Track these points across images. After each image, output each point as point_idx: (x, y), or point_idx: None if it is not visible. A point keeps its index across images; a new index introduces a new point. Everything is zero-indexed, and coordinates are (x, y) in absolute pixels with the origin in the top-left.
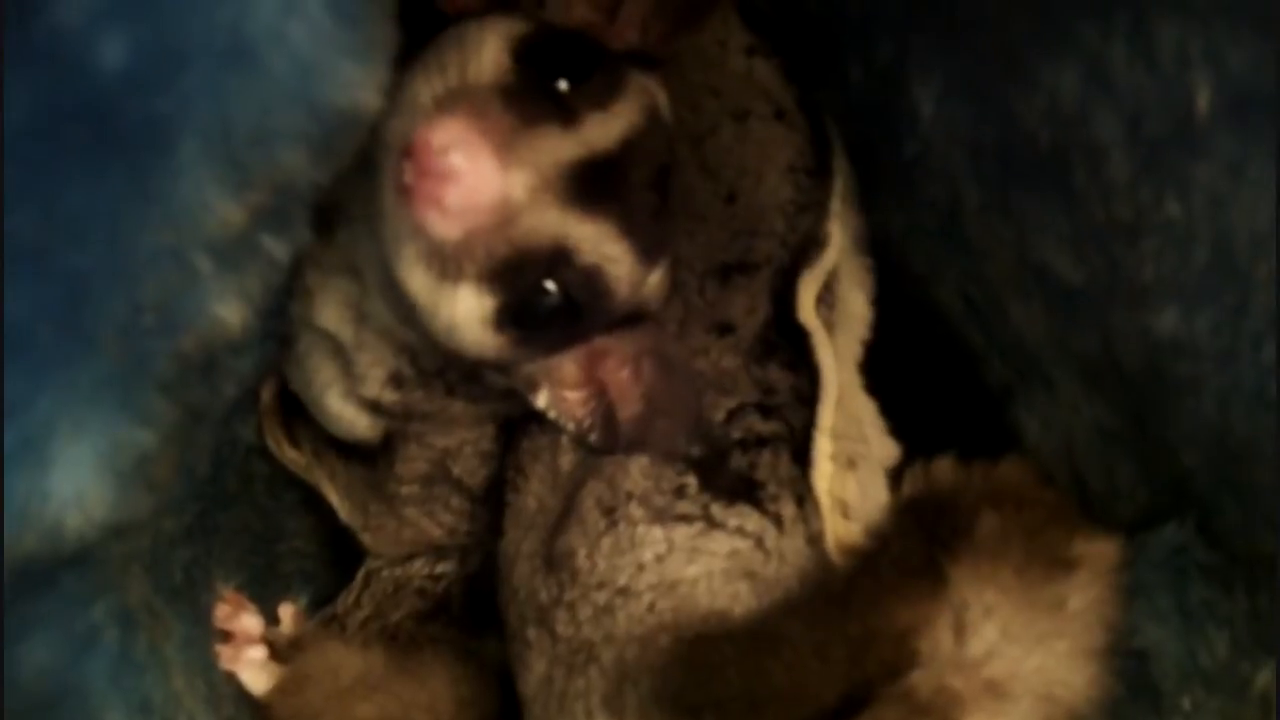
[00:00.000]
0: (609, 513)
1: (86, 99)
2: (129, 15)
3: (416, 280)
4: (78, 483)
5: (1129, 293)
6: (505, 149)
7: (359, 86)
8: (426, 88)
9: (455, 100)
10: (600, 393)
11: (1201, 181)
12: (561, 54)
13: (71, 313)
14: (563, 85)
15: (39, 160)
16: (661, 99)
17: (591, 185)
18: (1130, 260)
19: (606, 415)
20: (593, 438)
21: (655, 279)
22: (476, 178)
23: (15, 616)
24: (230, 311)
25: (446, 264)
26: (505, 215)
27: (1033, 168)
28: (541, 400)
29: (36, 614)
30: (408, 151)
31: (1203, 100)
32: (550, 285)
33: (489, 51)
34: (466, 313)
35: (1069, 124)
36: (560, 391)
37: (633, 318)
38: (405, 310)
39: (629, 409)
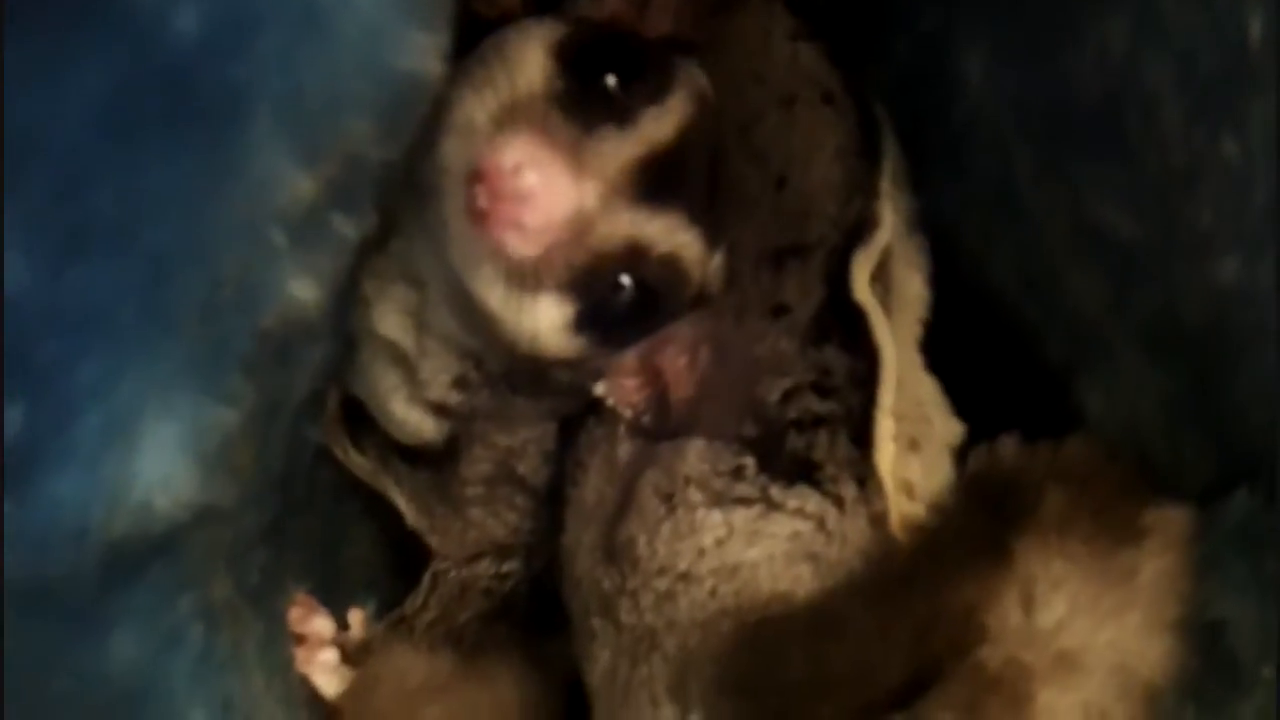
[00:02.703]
0: (667, 499)
1: (162, 69)
2: None
3: (495, 297)
4: (165, 464)
5: (1188, 244)
6: (574, 161)
7: (423, 52)
8: (479, 106)
9: (513, 116)
10: (656, 378)
11: (1257, 117)
12: (605, 51)
13: (153, 292)
14: (611, 83)
15: (117, 135)
16: (704, 83)
17: (656, 180)
18: (1189, 209)
19: (660, 398)
20: (646, 419)
21: (717, 261)
22: (551, 194)
23: (105, 607)
24: (305, 289)
25: (525, 279)
26: (581, 226)
27: (1085, 124)
28: (600, 388)
29: (126, 606)
30: (477, 176)
31: (1255, 30)
32: (625, 280)
33: (533, 59)
34: (548, 322)
35: (1120, 74)
36: (618, 379)
37: (696, 303)
38: (476, 321)
39: (682, 391)
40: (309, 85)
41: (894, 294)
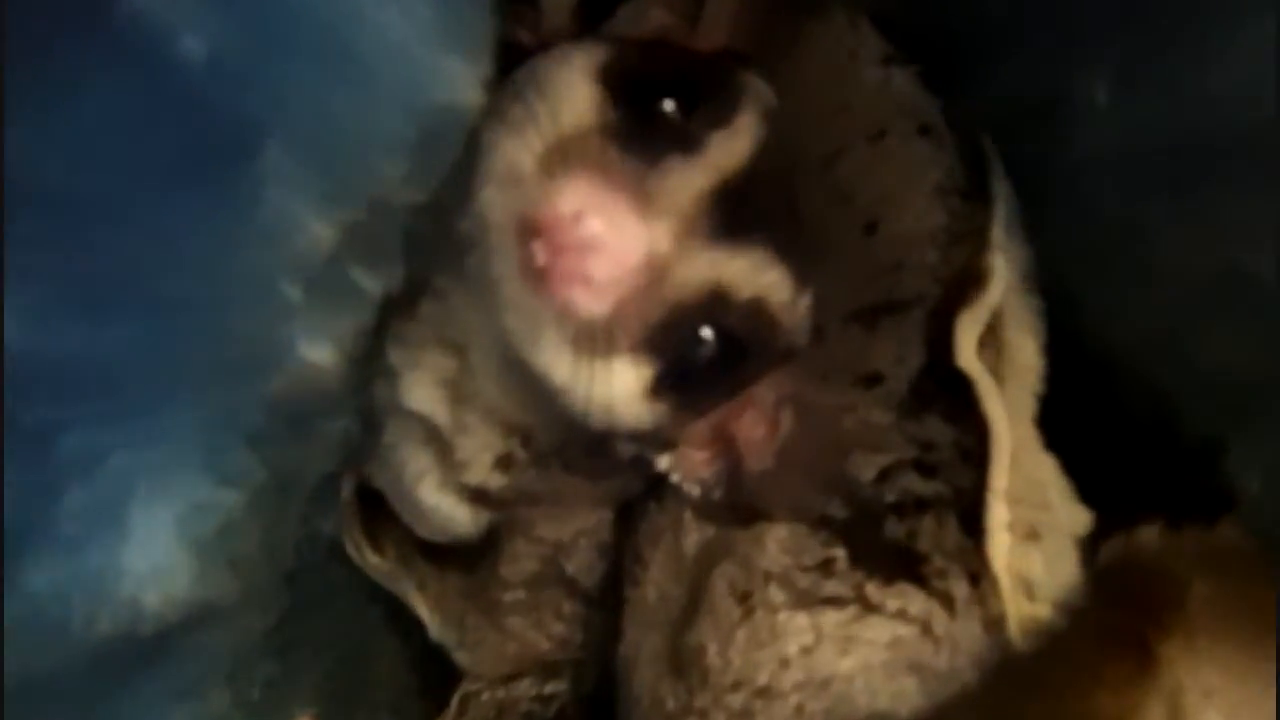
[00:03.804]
0: (744, 599)
1: (167, 97)
2: (213, 2)
3: (561, 366)
4: (157, 552)
5: None
6: (640, 199)
7: (461, 82)
8: (522, 148)
9: (564, 157)
10: (729, 448)
11: None
12: (658, 72)
13: (149, 352)
14: (670, 108)
15: (116, 173)
16: (770, 96)
17: (732, 213)
18: None
19: (733, 472)
20: (716, 494)
21: (805, 306)
22: (620, 240)
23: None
24: (320, 352)
25: (596, 341)
26: (655, 272)
27: (1229, 154)
28: (665, 463)
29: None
30: (532, 230)
31: None
32: (707, 333)
33: (579, 89)
34: (625, 389)
35: (1271, 94)
36: (685, 450)
37: (782, 358)
38: (530, 393)
39: (759, 464)
40: (330, 118)
41: (1006, 360)
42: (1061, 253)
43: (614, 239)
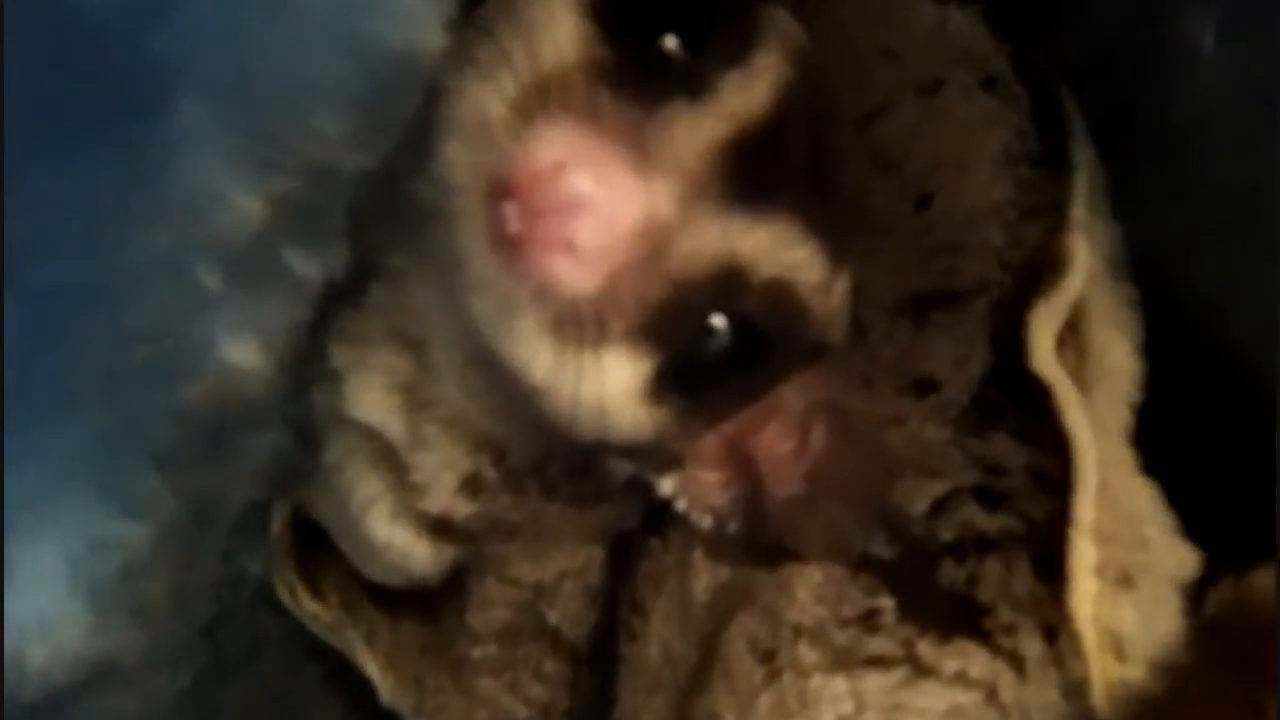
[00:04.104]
0: (767, 658)
1: (55, 37)
2: None
3: (540, 358)
4: (44, 599)
5: None
6: (636, 151)
7: (414, 22)
8: (492, 93)
9: (543, 101)
10: (748, 469)
11: None
12: (658, 1)
13: (43, 349)
14: (673, 44)
15: None
16: (799, 34)
17: (751, 172)
18: None
19: (753, 500)
20: (733, 527)
21: (841, 291)
22: (611, 200)
23: None
24: (245, 352)
25: (582, 327)
26: (655, 241)
27: None
28: (668, 486)
29: None
30: (503, 189)
31: None
32: (718, 322)
33: (562, 21)
34: (618, 386)
35: None
36: (693, 471)
37: (813, 356)
38: (505, 396)
39: (784, 488)
40: (258, 65)
41: (1091, 363)
42: (1162, 229)
43: (604, 199)
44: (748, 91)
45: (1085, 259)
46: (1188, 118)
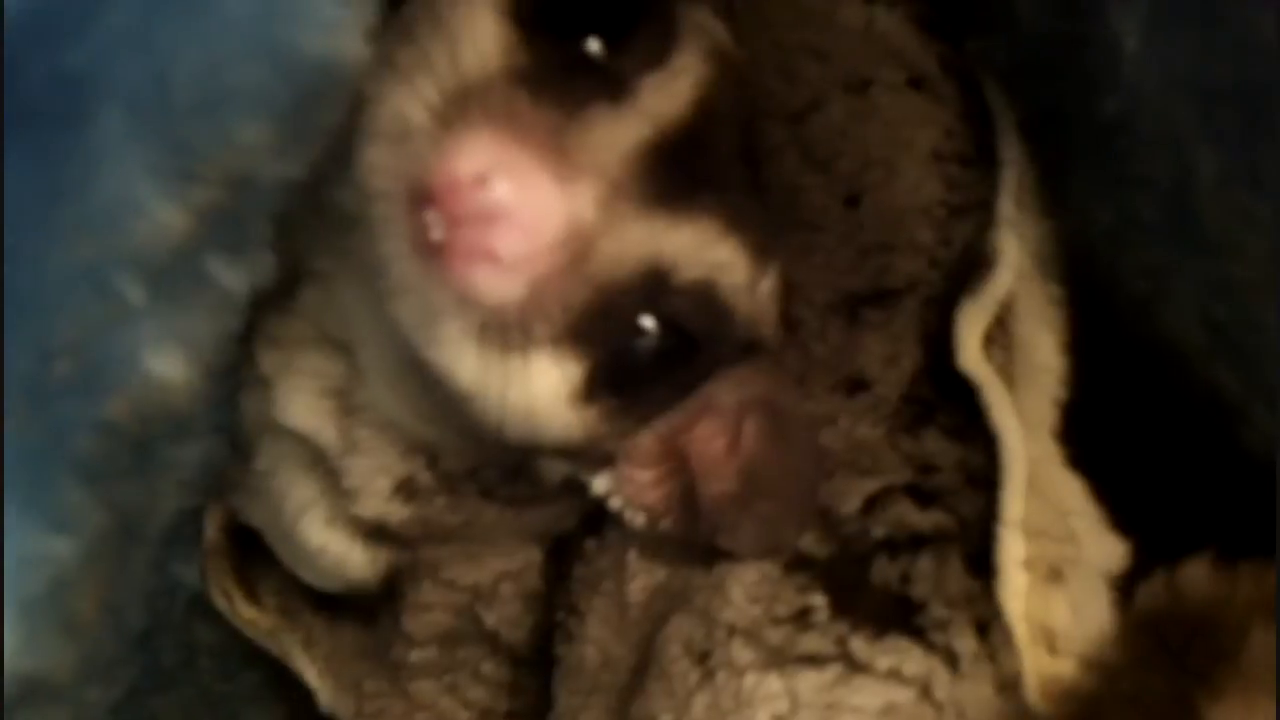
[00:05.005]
0: (702, 659)
1: None
2: None
3: (466, 365)
4: None
5: None
6: (558, 156)
7: (337, 29)
8: (413, 98)
9: (464, 106)
10: (681, 467)
11: None
12: (578, 4)
13: None
14: (594, 47)
15: None
16: (721, 33)
17: (672, 174)
18: None
19: (687, 497)
20: (666, 525)
21: (767, 289)
22: (533, 206)
23: None
24: (170, 364)
25: (508, 333)
26: (578, 246)
27: None
28: (601, 484)
29: None
30: (425, 196)
31: None
32: (647, 322)
33: (481, 25)
34: (547, 391)
35: None
36: (628, 470)
37: (744, 354)
38: (434, 401)
39: (718, 485)
40: (177, 75)
41: (1020, 360)
42: (1092, 227)
43: (526, 205)
44: (668, 92)
45: (1014, 256)
46: (1114, 115)
